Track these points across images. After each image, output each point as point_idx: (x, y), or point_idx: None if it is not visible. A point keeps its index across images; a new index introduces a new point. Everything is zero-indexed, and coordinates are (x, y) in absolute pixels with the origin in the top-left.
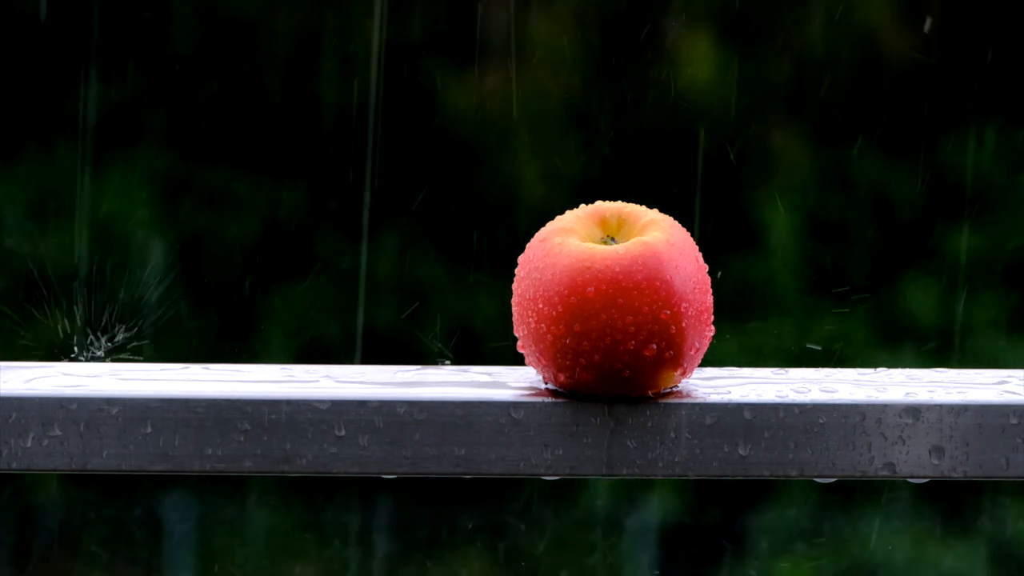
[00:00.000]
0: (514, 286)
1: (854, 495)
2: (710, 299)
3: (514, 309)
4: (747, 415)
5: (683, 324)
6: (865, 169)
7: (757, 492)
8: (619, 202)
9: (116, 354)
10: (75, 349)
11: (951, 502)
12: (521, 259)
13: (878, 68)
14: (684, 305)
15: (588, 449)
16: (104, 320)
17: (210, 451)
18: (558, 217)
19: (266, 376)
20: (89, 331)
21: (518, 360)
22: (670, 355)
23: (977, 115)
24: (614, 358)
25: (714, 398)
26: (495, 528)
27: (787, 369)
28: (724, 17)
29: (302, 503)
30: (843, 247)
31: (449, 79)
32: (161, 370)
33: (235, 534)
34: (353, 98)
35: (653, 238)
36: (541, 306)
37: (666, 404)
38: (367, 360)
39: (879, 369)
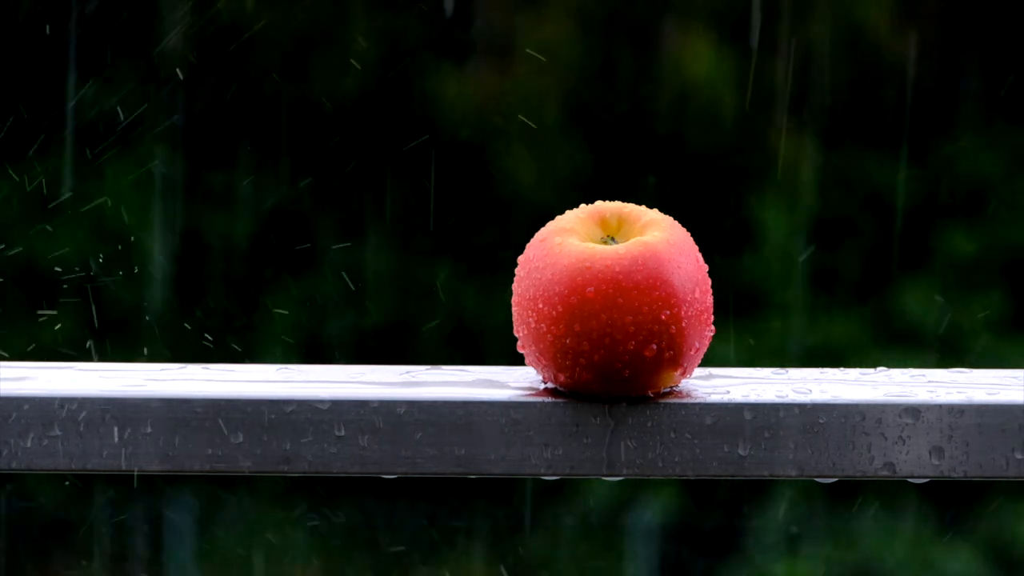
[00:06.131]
0: (514, 286)
1: (854, 495)
2: (710, 299)
3: (514, 309)
4: (747, 415)
5: (683, 324)
6: (865, 169)
7: (757, 492)
8: (619, 202)
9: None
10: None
11: (951, 502)
12: (521, 259)
13: (878, 68)
14: (684, 305)
15: (588, 449)
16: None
17: (210, 451)
18: (558, 217)
19: (266, 376)
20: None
21: (518, 360)
22: (670, 355)
23: (977, 115)
24: (614, 358)
25: (714, 398)
26: (494, 528)
27: (787, 369)
28: (724, 17)
29: (302, 503)
30: (843, 247)
31: (449, 78)
32: (161, 370)
33: (235, 533)
34: (353, 96)
35: (653, 238)
36: (541, 306)
37: (666, 404)
38: (367, 360)
39: (879, 369)
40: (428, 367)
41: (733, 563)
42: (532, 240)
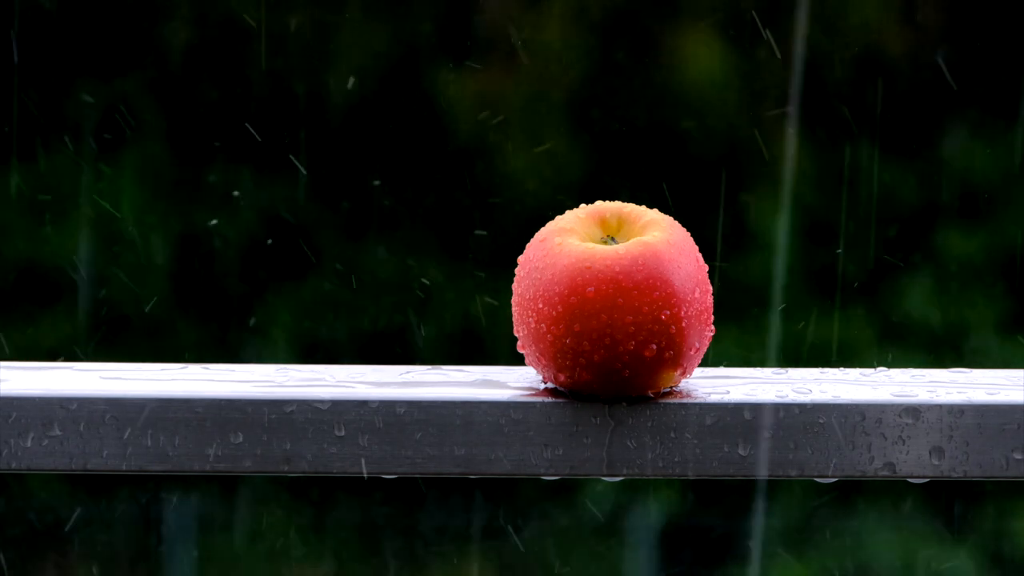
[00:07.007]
0: (514, 286)
1: (854, 495)
2: (710, 299)
3: (514, 309)
4: (747, 415)
5: (683, 324)
6: (865, 169)
7: (757, 492)
8: (619, 202)
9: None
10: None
11: (951, 502)
12: (521, 259)
13: (878, 67)
14: (684, 305)
15: (588, 449)
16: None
17: (210, 451)
18: (558, 217)
19: (266, 376)
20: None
21: (518, 360)
22: (670, 355)
23: (977, 115)
24: (614, 358)
25: (714, 398)
26: (495, 528)
27: (787, 369)
28: (724, 16)
29: (302, 502)
30: (842, 247)
31: (449, 77)
32: (161, 370)
33: (235, 533)
34: (353, 97)
35: (653, 238)
36: (541, 306)
37: (666, 404)
38: (367, 360)
39: (879, 369)
40: (428, 367)
41: (733, 563)
42: (532, 240)
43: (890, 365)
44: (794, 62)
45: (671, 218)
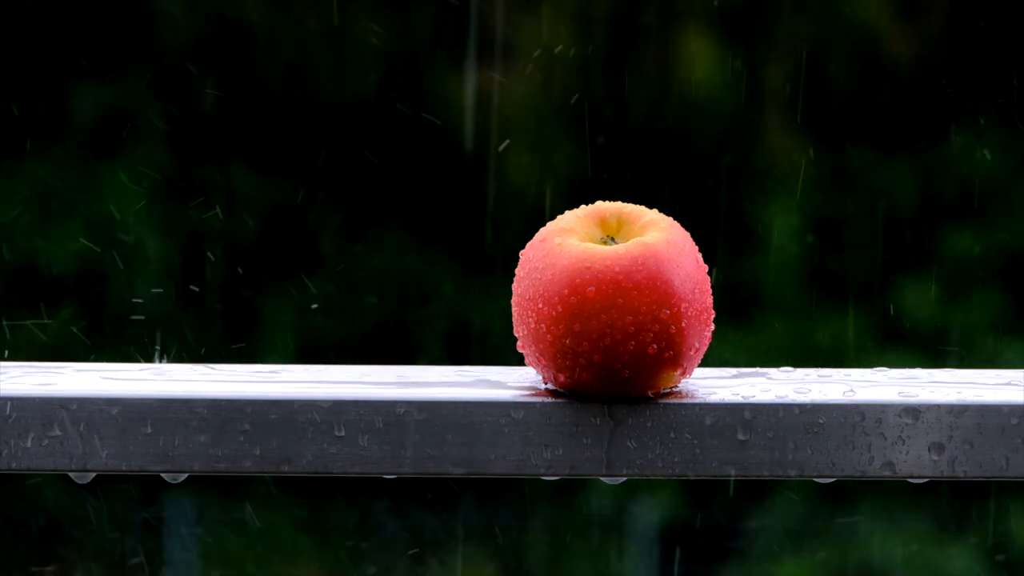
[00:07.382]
0: (514, 286)
1: (854, 495)
2: (710, 299)
3: (514, 309)
4: (747, 415)
5: (683, 324)
6: (864, 169)
7: (757, 492)
8: (619, 202)
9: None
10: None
11: (951, 502)
12: (521, 259)
13: (878, 68)
14: (684, 305)
15: (588, 449)
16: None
17: (210, 451)
18: (558, 217)
19: (266, 376)
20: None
21: (518, 360)
22: (670, 355)
23: (977, 115)
24: (614, 358)
25: (714, 398)
26: (494, 528)
27: (787, 369)
28: (724, 17)
29: (302, 503)
30: (842, 247)
31: (450, 78)
32: (161, 370)
33: (235, 533)
34: (353, 97)
35: (653, 238)
36: (541, 306)
37: (666, 404)
38: (367, 360)
39: (879, 369)
40: (428, 367)
41: (733, 563)
42: (532, 240)
43: (890, 365)
44: (795, 62)
45: (671, 218)
